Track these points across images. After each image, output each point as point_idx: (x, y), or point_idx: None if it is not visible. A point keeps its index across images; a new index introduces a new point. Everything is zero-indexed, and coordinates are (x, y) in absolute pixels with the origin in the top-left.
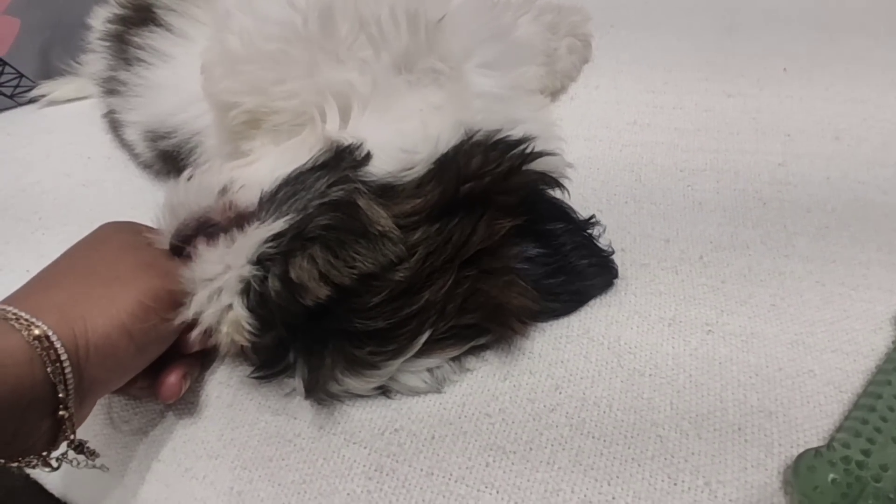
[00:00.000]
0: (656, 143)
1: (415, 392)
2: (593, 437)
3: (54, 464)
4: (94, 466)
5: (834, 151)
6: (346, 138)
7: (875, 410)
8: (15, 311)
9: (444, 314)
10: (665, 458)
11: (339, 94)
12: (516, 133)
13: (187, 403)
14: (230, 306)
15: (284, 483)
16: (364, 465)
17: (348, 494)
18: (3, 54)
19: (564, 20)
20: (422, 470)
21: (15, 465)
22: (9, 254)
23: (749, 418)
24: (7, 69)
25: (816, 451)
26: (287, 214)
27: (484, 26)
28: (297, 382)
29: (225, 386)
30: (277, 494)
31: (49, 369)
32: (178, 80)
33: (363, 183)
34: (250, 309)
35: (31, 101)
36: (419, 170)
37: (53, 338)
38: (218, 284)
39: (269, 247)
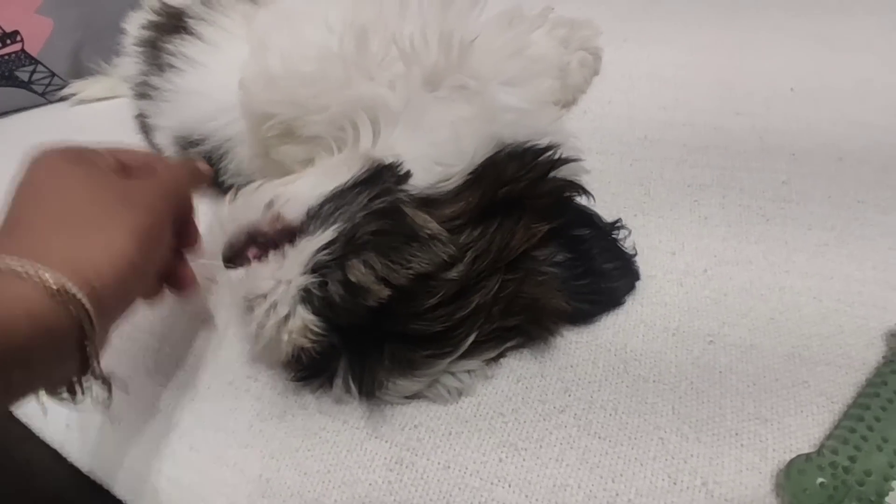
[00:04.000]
0: (665, 159)
1: (454, 393)
2: (599, 438)
3: (81, 398)
4: (108, 406)
5: (836, 172)
6: (386, 157)
7: (863, 420)
8: (28, 263)
9: (491, 316)
10: (666, 459)
11: (370, 108)
12: (542, 143)
13: (219, 397)
14: (287, 316)
15: (310, 472)
16: (385, 458)
17: (370, 484)
18: (35, 53)
19: (576, 34)
20: (439, 463)
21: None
22: None
23: (746, 424)
24: (39, 68)
25: (807, 457)
26: (335, 224)
27: (507, 44)
28: (342, 386)
29: (253, 380)
30: (303, 482)
31: (73, 313)
32: (208, 88)
33: (405, 193)
34: (316, 313)
35: (62, 99)
36: (456, 180)
37: (74, 289)
38: (273, 298)
39: (324, 255)
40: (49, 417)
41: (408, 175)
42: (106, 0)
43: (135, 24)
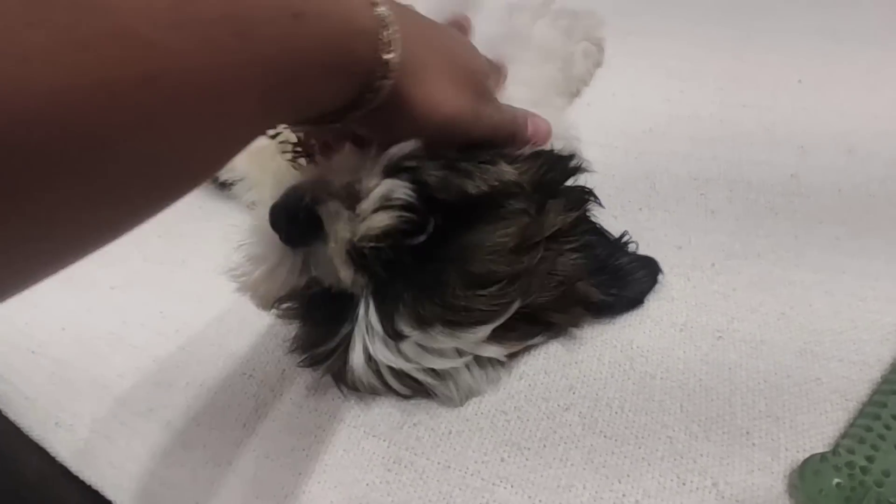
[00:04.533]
0: (672, 152)
1: (464, 392)
2: (605, 437)
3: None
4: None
5: (846, 164)
6: None
7: (879, 419)
8: None
9: (530, 288)
10: (674, 459)
11: None
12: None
13: (213, 394)
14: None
15: (306, 472)
16: (383, 457)
17: (367, 485)
18: None
19: (579, 24)
20: (439, 463)
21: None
22: None
23: (757, 423)
24: None
25: (822, 456)
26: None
27: (508, 33)
28: (363, 326)
29: (248, 377)
30: (298, 483)
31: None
32: None
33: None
34: (412, 184)
35: None
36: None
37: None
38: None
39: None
40: (37, 416)
41: None
42: None
43: None
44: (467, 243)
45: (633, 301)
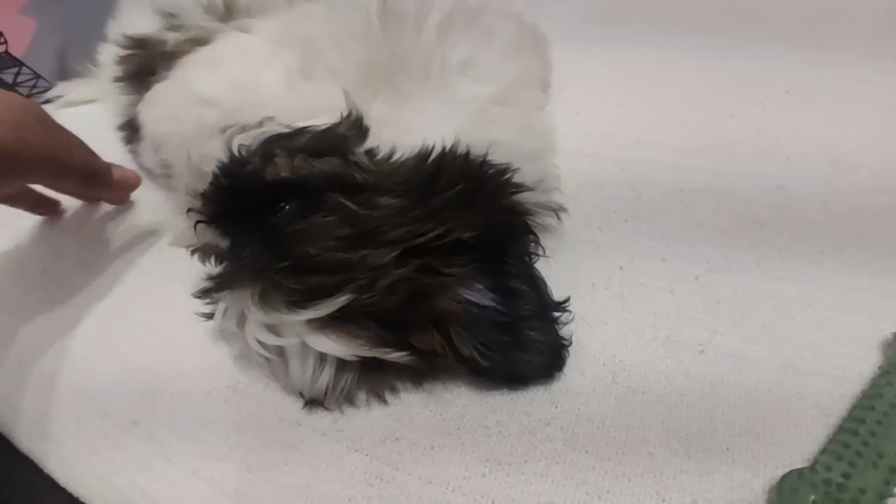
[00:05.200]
0: (658, 162)
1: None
2: (586, 452)
3: None
4: None
5: (833, 176)
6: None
7: (857, 435)
8: None
9: (373, 286)
10: (654, 476)
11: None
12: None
13: (196, 407)
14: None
15: (287, 487)
16: (365, 472)
17: (349, 500)
18: (20, 55)
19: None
20: (420, 479)
21: None
22: (27, 253)
23: (737, 439)
24: (24, 70)
25: (799, 473)
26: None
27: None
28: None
29: (232, 390)
30: (280, 498)
31: None
32: None
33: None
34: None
35: (48, 101)
36: (416, 157)
37: None
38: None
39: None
40: (25, 428)
41: (366, 131)
42: (91, 0)
43: (108, 59)
44: (302, 225)
45: (511, 376)
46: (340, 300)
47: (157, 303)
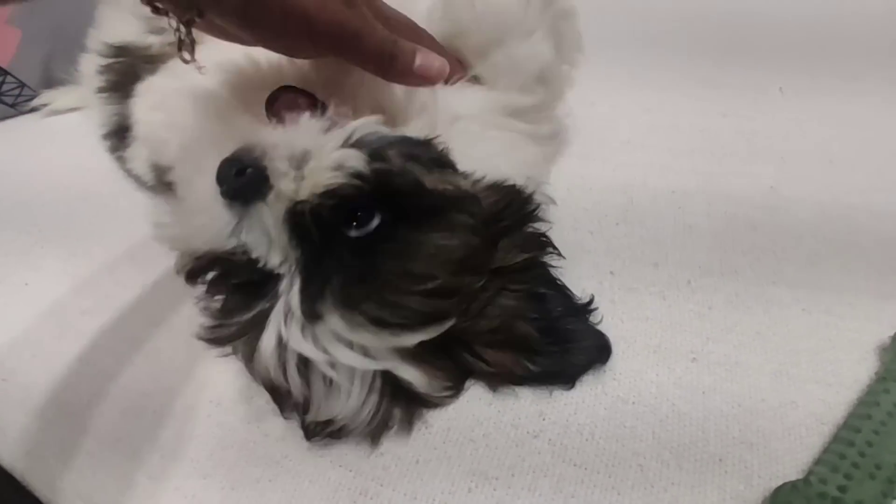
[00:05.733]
0: (650, 164)
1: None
2: (575, 465)
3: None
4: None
5: (827, 175)
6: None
7: (854, 445)
8: None
9: (469, 311)
10: (645, 488)
11: None
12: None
13: (179, 423)
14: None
15: (271, 503)
16: (349, 489)
17: None
18: (5, 64)
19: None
20: (405, 494)
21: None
22: (8, 266)
23: (730, 449)
24: (9, 79)
25: (793, 486)
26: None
27: None
28: (284, 303)
29: (215, 405)
30: None
31: None
32: None
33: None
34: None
35: (33, 110)
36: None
37: None
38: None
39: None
40: (9, 446)
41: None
42: (75, 9)
43: (90, 69)
44: (411, 240)
45: (556, 375)
46: (445, 325)
47: (141, 319)
